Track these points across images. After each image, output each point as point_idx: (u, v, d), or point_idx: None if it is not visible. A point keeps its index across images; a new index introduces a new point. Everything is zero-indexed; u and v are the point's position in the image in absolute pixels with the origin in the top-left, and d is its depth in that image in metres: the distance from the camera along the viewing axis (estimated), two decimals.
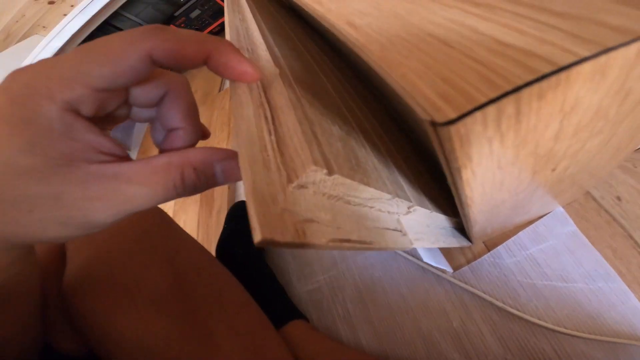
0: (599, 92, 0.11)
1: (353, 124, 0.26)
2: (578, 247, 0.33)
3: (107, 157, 0.14)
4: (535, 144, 0.13)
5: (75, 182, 0.13)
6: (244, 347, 0.35)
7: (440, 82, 0.10)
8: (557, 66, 0.09)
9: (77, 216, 0.13)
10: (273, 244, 0.12)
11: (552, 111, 0.11)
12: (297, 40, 0.40)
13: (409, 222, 0.25)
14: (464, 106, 0.09)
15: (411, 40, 0.13)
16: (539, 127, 0.12)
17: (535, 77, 0.09)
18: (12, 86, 0.13)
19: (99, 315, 0.30)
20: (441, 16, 0.13)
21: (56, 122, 0.13)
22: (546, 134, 0.12)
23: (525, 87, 0.09)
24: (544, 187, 0.20)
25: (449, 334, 0.38)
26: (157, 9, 1.28)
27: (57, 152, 0.13)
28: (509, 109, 0.10)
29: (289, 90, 0.20)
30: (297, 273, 0.53)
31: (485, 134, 0.10)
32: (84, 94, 0.13)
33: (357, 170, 0.18)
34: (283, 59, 0.27)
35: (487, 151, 0.11)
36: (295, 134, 0.17)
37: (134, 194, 0.14)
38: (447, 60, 0.11)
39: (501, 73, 0.10)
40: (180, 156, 0.15)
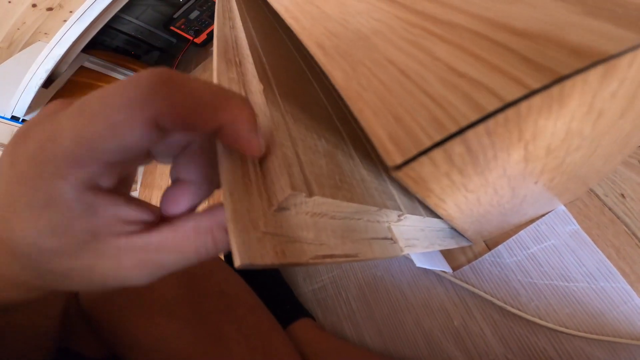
0: (561, 119, 0.11)
1: (343, 133, 0.26)
2: (580, 246, 0.33)
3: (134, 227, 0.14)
4: (503, 169, 0.13)
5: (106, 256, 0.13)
6: (252, 348, 0.36)
7: (393, 121, 0.10)
8: (503, 102, 0.09)
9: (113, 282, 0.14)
10: (252, 266, 0.13)
11: (509, 142, 0.11)
12: (290, 45, 0.40)
13: (401, 229, 0.25)
14: (410, 151, 0.09)
15: (372, 67, 0.13)
16: (500, 156, 0.12)
17: (480, 117, 0.09)
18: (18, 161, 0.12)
19: (114, 320, 0.32)
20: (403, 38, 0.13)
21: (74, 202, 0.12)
22: (512, 159, 0.12)
23: (470, 128, 0.09)
24: (531, 197, 0.20)
25: (451, 333, 0.39)
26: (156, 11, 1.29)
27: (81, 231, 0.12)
28: (457, 148, 0.10)
29: (272, 109, 0.21)
30: (303, 273, 0.55)
31: (438, 170, 0.11)
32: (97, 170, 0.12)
33: (340, 187, 0.19)
34: (271, 70, 0.28)
35: (447, 182, 0.12)
36: (276, 157, 0.17)
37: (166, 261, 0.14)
38: (401, 93, 0.11)
39: (449, 111, 0.10)
40: (208, 219, 0.15)
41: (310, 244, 0.17)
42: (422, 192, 0.12)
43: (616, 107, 0.13)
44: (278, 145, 0.18)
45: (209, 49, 1.29)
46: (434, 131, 0.10)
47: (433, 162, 0.10)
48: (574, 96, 0.11)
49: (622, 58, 0.09)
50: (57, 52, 0.84)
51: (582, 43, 0.10)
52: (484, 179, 0.13)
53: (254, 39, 0.33)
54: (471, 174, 0.12)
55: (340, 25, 0.18)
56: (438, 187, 0.12)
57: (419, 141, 0.10)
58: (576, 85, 0.10)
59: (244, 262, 0.13)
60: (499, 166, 0.13)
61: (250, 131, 0.14)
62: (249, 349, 0.36)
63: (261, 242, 0.14)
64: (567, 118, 0.12)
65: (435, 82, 0.11)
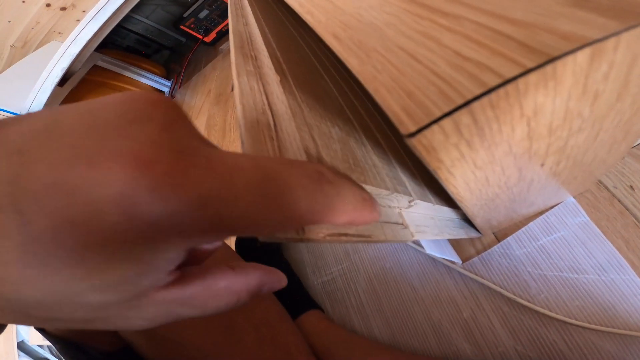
0: (559, 96, 0.12)
1: (355, 122, 0.27)
2: (590, 238, 0.33)
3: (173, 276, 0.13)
4: (508, 145, 0.14)
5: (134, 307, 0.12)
6: (262, 339, 0.37)
7: (405, 96, 0.11)
8: (503, 78, 0.10)
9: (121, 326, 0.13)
10: (274, 238, 0.14)
11: (512, 117, 0.12)
12: (300, 40, 0.41)
13: (411, 215, 0.26)
14: (422, 120, 0.10)
15: (385, 54, 0.14)
16: (504, 130, 0.12)
17: (484, 90, 0.10)
18: None
19: None
20: (413, 28, 0.14)
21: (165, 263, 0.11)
22: (516, 135, 0.13)
23: (475, 100, 0.10)
24: (539, 181, 0.21)
25: (459, 325, 0.39)
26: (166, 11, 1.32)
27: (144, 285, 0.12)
28: (464, 119, 0.11)
29: (289, 98, 0.22)
30: (312, 265, 0.56)
31: (448, 141, 0.11)
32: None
33: (354, 170, 0.20)
34: (286, 63, 0.29)
35: (457, 154, 0.12)
36: (294, 140, 0.18)
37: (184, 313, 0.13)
38: (413, 74, 0.12)
39: (456, 87, 0.11)
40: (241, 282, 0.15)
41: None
42: (434, 163, 0.12)
43: (611, 89, 0.14)
44: (297, 129, 0.19)
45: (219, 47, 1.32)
46: (443, 103, 0.11)
47: (443, 131, 0.11)
48: (567, 75, 0.12)
49: (606, 42, 0.11)
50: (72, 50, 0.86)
51: (570, 30, 0.11)
52: (491, 155, 0.14)
53: (267, 35, 0.34)
54: (478, 148, 0.13)
55: (354, 19, 0.19)
56: (448, 159, 0.13)
57: (430, 112, 0.11)
58: (567, 65, 0.11)
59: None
60: (505, 141, 0.14)
61: None
62: (259, 339, 0.37)
63: None
64: (565, 97, 0.13)
65: (443, 65, 0.12)
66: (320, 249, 0.56)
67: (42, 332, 0.35)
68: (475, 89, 0.11)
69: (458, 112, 0.11)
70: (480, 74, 0.11)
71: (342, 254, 0.52)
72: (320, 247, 0.56)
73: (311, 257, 0.56)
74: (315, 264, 0.55)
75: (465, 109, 0.11)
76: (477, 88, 0.11)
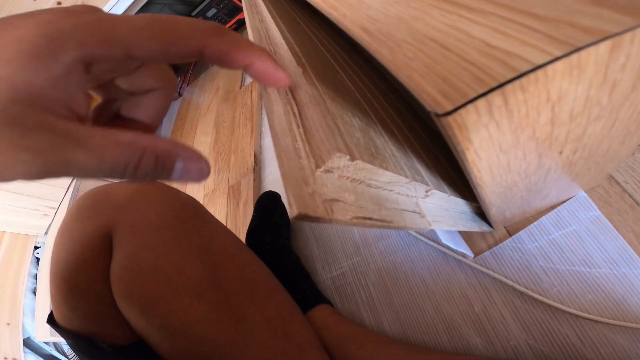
0: (581, 84, 0.13)
1: (372, 115, 0.28)
2: (602, 232, 0.33)
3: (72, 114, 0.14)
4: (533, 129, 0.14)
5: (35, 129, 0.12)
6: (273, 331, 0.37)
7: (440, 81, 0.12)
8: (534, 65, 0.11)
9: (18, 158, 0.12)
10: (307, 218, 0.15)
11: (539, 101, 0.13)
12: (314, 37, 0.42)
13: (427, 206, 0.27)
14: (458, 100, 0.11)
15: (415, 44, 0.15)
16: (531, 114, 0.13)
17: (516, 75, 0.11)
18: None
19: (146, 301, 0.32)
20: (441, 21, 0.15)
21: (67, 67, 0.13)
22: (540, 119, 0.14)
23: (508, 83, 0.11)
24: (555, 170, 0.21)
25: (471, 319, 0.39)
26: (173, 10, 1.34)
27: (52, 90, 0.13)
28: (496, 100, 0.12)
29: (312, 88, 0.22)
30: (322, 260, 0.56)
31: (480, 121, 0.12)
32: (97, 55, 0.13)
33: (376, 157, 0.20)
34: (304, 57, 0.30)
35: (485, 136, 0.13)
36: (320, 126, 0.19)
37: (74, 158, 0.13)
38: (445, 62, 0.13)
39: (489, 72, 0.11)
40: (148, 139, 0.15)
41: (352, 205, 0.18)
42: (464, 142, 0.13)
43: (627, 79, 0.15)
44: (322, 116, 0.19)
45: None
46: (477, 86, 0.12)
47: (477, 111, 0.12)
48: (590, 64, 0.12)
49: (624, 36, 0.12)
50: None
51: (591, 25, 0.12)
52: (516, 139, 0.15)
53: (284, 30, 0.35)
54: (506, 130, 0.14)
55: (380, 13, 0.19)
56: (477, 140, 0.13)
57: (465, 93, 0.12)
58: (590, 55, 0.12)
59: (301, 211, 0.14)
60: (530, 125, 0.14)
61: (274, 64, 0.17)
62: (270, 332, 0.37)
63: (312, 197, 0.16)
64: (586, 84, 0.13)
65: (474, 53, 0.13)
66: (330, 244, 0.56)
67: (54, 327, 0.35)
68: (507, 73, 0.11)
69: (492, 94, 0.11)
70: (512, 61, 0.12)
71: (352, 249, 0.53)
72: (330, 242, 0.57)
73: (321, 252, 0.57)
74: (325, 259, 0.56)
75: (499, 91, 0.11)
76: (510, 73, 0.11)
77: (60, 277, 0.34)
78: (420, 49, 0.14)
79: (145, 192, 0.39)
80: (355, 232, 0.54)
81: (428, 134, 0.34)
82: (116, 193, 0.38)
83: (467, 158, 0.14)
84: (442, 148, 0.34)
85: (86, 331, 0.33)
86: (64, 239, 0.35)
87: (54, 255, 0.36)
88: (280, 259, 0.53)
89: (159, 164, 0.15)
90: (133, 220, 0.36)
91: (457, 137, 0.13)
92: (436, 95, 0.12)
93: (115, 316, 0.34)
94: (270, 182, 0.73)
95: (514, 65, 0.12)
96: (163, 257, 0.34)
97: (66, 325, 0.34)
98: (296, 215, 0.14)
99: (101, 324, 0.34)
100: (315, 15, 0.56)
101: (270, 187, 0.73)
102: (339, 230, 0.56)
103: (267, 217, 0.58)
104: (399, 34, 0.16)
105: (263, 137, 0.80)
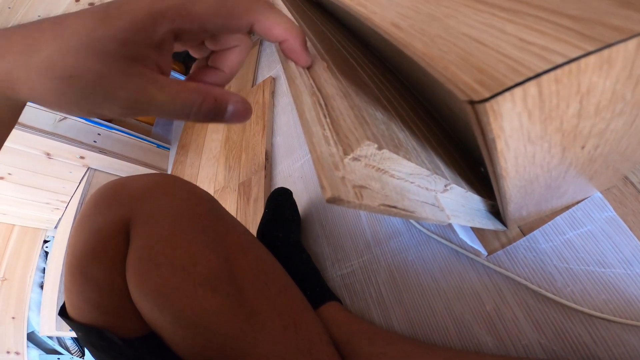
0: (610, 78, 0.13)
1: (392, 111, 0.29)
2: (616, 232, 0.34)
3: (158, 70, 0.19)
4: (560, 121, 0.15)
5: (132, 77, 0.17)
6: (285, 326, 0.37)
7: (476, 71, 0.13)
8: (568, 58, 0.12)
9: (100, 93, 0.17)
10: (339, 201, 0.15)
11: (570, 92, 0.13)
12: (331, 37, 0.43)
13: (445, 200, 0.27)
14: (495, 88, 0.12)
15: (449, 39, 0.15)
16: (561, 106, 0.14)
17: (552, 66, 0.12)
18: None
19: (160, 291, 0.32)
20: (474, 19, 0.16)
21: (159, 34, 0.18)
22: (569, 111, 0.14)
23: (544, 73, 0.12)
24: (576, 166, 0.22)
25: (482, 317, 0.39)
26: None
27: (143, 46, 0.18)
28: (532, 90, 0.12)
29: (337, 82, 0.23)
30: (331, 258, 0.56)
31: (514, 109, 0.13)
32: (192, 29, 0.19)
33: (400, 148, 0.21)
34: (326, 53, 0.30)
35: (517, 124, 0.14)
36: (348, 116, 0.20)
37: (155, 97, 0.18)
38: (481, 55, 0.13)
39: (525, 64, 0.12)
40: (208, 87, 0.20)
41: (378, 192, 0.19)
42: (496, 130, 0.14)
43: None
44: (349, 107, 0.20)
45: None
46: (514, 76, 0.12)
47: (513, 99, 0.12)
48: (619, 60, 0.13)
49: None
50: None
51: (620, 24, 0.13)
52: (544, 129, 0.15)
53: (304, 27, 0.36)
54: (536, 120, 0.14)
55: (411, 11, 0.20)
56: (509, 128, 0.14)
57: (502, 82, 0.12)
58: (620, 51, 0.13)
59: (334, 194, 0.15)
60: (558, 116, 0.15)
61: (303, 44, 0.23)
62: (282, 327, 0.37)
63: (343, 182, 0.16)
64: (614, 79, 0.14)
65: (510, 48, 0.14)
66: (340, 241, 0.57)
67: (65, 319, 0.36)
68: (543, 65, 0.12)
69: (528, 83, 0.12)
70: (547, 55, 0.13)
71: (363, 247, 0.53)
72: (341, 239, 0.57)
73: (331, 250, 0.57)
74: (335, 257, 0.56)
75: (535, 81, 0.12)
76: (545, 64, 0.12)
77: (77, 267, 0.34)
78: (454, 44, 0.15)
79: (163, 184, 0.39)
80: (367, 229, 0.54)
81: (442, 134, 0.35)
82: (134, 185, 0.38)
83: (496, 147, 0.15)
84: (455, 147, 0.34)
85: (97, 323, 0.33)
86: (82, 229, 0.36)
87: (71, 245, 0.36)
88: (291, 255, 0.54)
89: (216, 105, 0.20)
90: (151, 211, 0.36)
91: (490, 124, 0.13)
92: (473, 83, 0.13)
93: (128, 308, 0.34)
94: (281, 180, 0.74)
95: (550, 58, 0.12)
96: (180, 248, 0.34)
97: (78, 317, 0.34)
98: (329, 198, 0.15)
99: (113, 316, 0.34)
100: (330, 16, 0.57)
101: (281, 184, 0.73)
102: (349, 227, 0.57)
103: (279, 213, 0.58)
104: (433, 30, 0.17)
105: (275, 135, 0.81)
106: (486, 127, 0.14)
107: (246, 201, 0.73)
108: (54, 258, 1.11)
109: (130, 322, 0.34)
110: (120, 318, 0.34)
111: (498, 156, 0.16)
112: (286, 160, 0.76)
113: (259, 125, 0.82)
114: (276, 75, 0.95)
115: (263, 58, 1.08)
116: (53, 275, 1.05)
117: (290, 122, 0.80)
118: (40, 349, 1.13)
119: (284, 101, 0.87)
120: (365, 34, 0.40)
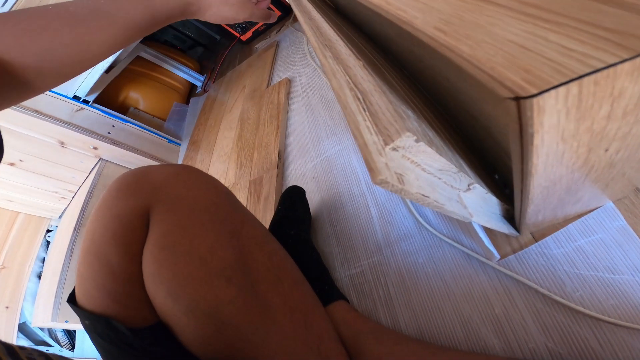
0: (638, 84, 0.15)
1: (418, 112, 0.30)
2: (627, 241, 0.35)
3: None
4: (592, 121, 0.16)
5: None
6: (296, 322, 0.37)
7: (523, 72, 0.14)
8: (606, 64, 0.13)
9: None
10: (385, 183, 0.16)
11: (604, 94, 0.15)
12: (355, 39, 0.44)
13: (467, 200, 0.28)
14: (543, 86, 0.13)
15: (495, 44, 0.17)
16: (595, 106, 0.15)
17: (592, 70, 0.13)
18: None
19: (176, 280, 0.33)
20: (518, 28, 0.17)
21: None
22: (600, 112, 0.16)
23: (585, 76, 0.13)
24: (597, 169, 0.23)
25: (490, 320, 0.40)
26: None
27: None
28: (573, 90, 0.14)
29: (373, 79, 0.25)
30: (341, 258, 0.57)
31: (555, 107, 0.14)
32: None
33: (432, 144, 0.22)
34: (358, 53, 0.32)
35: (555, 121, 0.15)
36: (387, 110, 0.21)
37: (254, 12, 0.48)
38: (526, 58, 0.15)
39: (568, 67, 0.14)
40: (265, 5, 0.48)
41: (414, 181, 0.20)
42: (537, 125, 0.15)
43: None
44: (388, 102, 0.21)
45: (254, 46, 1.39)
46: (559, 76, 0.14)
47: (557, 96, 0.14)
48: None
49: None
50: None
51: None
52: (577, 128, 0.17)
53: (334, 29, 0.37)
54: (572, 119, 0.16)
55: (455, 18, 0.21)
56: (548, 124, 0.15)
57: (548, 81, 0.14)
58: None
59: (383, 176, 0.16)
60: (591, 117, 0.16)
61: None
62: (293, 322, 0.37)
63: (387, 167, 0.18)
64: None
65: (553, 53, 0.15)
66: (351, 242, 0.58)
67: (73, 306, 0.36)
68: (585, 69, 0.14)
69: (572, 83, 0.14)
70: (588, 60, 0.14)
71: (373, 247, 0.54)
72: (351, 240, 0.58)
73: (340, 249, 0.58)
74: (344, 257, 0.57)
75: (577, 82, 0.14)
76: (587, 68, 0.14)
77: (94, 253, 0.35)
78: (500, 48, 0.16)
79: (184, 175, 0.40)
80: (379, 230, 0.55)
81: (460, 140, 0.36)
82: (156, 174, 0.39)
83: (533, 141, 0.16)
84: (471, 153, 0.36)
85: (106, 312, 0.34)
86: (102, 214, 0.36)
87: (89, 230, 0.36)
88: (302, 253, 0.55)
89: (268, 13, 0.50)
90: (171, 200, 0.37)
91: (533, 119, 0.14)
92: (520, 81, 0.14)
93: (139, 297, 0.34)
94: (292, 179, 0.75)
95: (591, 64, 0.14)
96: (198, 238, 0.35)
97: (87, 305, 0.35)
98: (377, 180, 0.16)
99: (124, 304, 0.34)
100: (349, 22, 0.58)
101: (293, 183, 0.74)
102: (361, 228, 0.58)
103: (292, 211, 0.59)
104: (478, 36, 0.18)
105: (288, 135, 0.82)
106: (528, 121, 0.15)
107: (256, 199, 0.74)
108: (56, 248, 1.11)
109: (140, 312, 0.35)
110: (130, 307, 0.34)
111: (532, 151, 0.17)
112: (299, 160, 0.77)
113: (273, 125, 0.83)
114: (292, 77, 0.97)
115: (279, 59, 1.11)
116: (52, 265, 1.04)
117: (305, 123, 0.82)
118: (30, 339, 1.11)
119: (299, 103, 0.88)
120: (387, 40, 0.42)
